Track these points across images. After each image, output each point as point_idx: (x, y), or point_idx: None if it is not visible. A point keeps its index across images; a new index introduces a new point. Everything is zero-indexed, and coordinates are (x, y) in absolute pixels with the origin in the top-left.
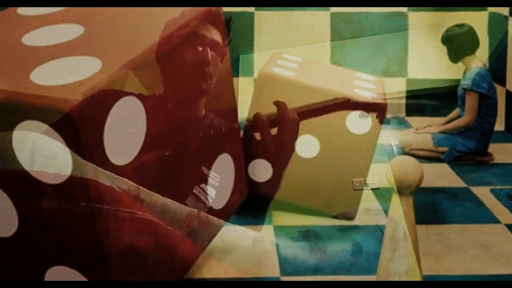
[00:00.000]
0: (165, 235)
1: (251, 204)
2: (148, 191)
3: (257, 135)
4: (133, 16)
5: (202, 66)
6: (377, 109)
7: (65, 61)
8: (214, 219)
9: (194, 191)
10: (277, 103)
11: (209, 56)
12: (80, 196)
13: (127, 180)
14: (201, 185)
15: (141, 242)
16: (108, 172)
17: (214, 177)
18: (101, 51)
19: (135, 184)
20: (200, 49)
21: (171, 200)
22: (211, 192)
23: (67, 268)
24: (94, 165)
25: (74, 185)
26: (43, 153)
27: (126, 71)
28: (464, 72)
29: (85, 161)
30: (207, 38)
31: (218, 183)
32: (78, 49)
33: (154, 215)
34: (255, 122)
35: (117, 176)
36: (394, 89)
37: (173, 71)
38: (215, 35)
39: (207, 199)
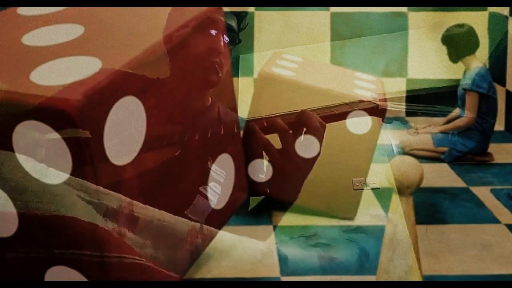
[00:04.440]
0: (154, 278)
1: (261, 206)
2: (143, 205)
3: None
4: (133, 16)
5: (213, 56)
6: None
7: (65, 61)
8: (216, 231)
9: (196, 190)
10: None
11: (222, 44)
12: (57, 240)
13: (118, 195)
14: (202, 185)
15: None
16: (96, 187)
17: (218, 172)
18: (101, 51)
19: (128, 199)
20: (214, 33)
21: (169, 215)
22: (215, 187)
23: (67, 268)
24: (76, 188)
25: (50, 226)
26: (8, 185)
27: (126, 71)
28: (464, 72)
29: (65, 187)
30: (221, 22)
31: (223, 179)
32: (78, 49)
33: (150, 233)
34: (273, 127)
35: (107, 191)
36: (394, 89)
37: (182, 62)
38: (227, 18)
39: (208, 196)
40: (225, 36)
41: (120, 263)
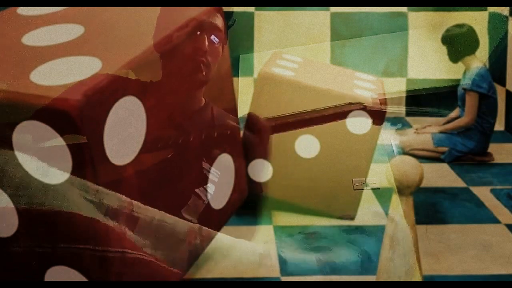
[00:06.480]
0: (156, 272)
1: (251, 204)
2: (142, 205)
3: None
4: (133, 16)
5: (197, 55)
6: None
7: (65, 61)
8: (214, 233)
9: (195, 190)
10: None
11: (206, 44)
12: (61, 235)
13: (118, 195)
14: (201, 184)
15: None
16: (97, 187)
17: (214, 172)
18: (101, 51)
19: (128, 199)
20: (198, 33)
21: (169, 216)
22: (210, 188)
23: (67, 268)
24: (78, 187)
25: (54, 222)
26: (13, 182)
27: (126, 71)
28: (464, 72)
29: (67, 185)
30: (205, 22)
31: (218, 181)
32: (78, 49)
33: (150, 233)
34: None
35: (108, 191)
36: (394, 89)
37: (172, 64)
38: (215, 19)
39: (207, 196)
40: (213, 36)
41: (122, 258)
